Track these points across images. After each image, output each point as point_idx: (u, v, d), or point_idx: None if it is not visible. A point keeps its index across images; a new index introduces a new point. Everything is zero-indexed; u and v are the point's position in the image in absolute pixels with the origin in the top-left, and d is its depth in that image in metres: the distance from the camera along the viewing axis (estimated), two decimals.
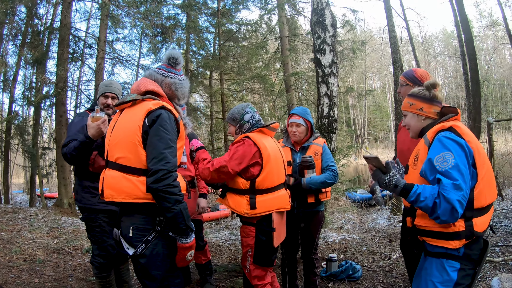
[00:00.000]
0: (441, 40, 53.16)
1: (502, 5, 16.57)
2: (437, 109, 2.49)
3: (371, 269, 5.29)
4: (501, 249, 5.37)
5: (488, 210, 2.32)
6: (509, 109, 38.02)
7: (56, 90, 11.29)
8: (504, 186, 10.79)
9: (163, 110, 2.39)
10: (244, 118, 3.28)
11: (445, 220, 2.13)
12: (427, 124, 2.51)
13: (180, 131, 2.51)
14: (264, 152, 3.07)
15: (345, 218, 9.55)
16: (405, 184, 2.29)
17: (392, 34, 14.83)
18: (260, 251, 3.13)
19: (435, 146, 2.25)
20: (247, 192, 3.10)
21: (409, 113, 2.59)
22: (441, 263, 2.30)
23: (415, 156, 2.43)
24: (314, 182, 3.81)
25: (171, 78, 2.65)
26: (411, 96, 2.58)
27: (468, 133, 2.29)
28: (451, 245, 2.22)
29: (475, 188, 2.21)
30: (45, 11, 13.82)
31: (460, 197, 2.07)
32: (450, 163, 2.13)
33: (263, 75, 12.82)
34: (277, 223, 3.17)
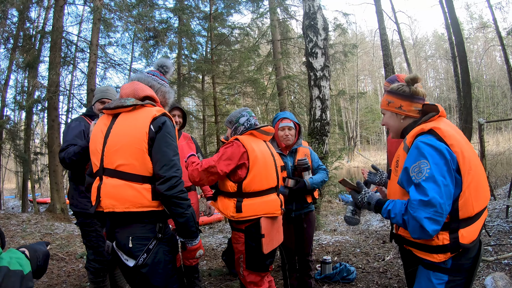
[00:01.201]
0: (432, 43, 53.54)
1: (492, 7, 16.72)
2: (419, 107, 2.27)
3: (365, 270, 5.31)
4: (494, 248, 5.42)
5: (477, 219, 2.09)
6: (500, 110, 38.40)
7: (48, 95, 11.25)
8: (496, 186, 10.90)
9: (166, 117, 2.39)
10: (239, 121, 3.29)
11: (417, 237, 2.00)
12: (408, 124, 2.31)
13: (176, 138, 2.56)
14: (251, 154, 3.06)
15: (338, 220, 9.59)
16: (377, 201, 2.24)
17: (384, 37, 14.97)
18: (251, 257, 3.11)
19: (412, 153, 2.05)
20: (234, 195, 3.09)
21: (387, 112, 2.38)
22: (428, 274, 2.14)
23: (396, 162, 2.26)
24: (316, 182, 3.93)
25: (165, 87, 2.70)
26: (389, 93, 2.36)
27: (451, 135, 2.05)
28: (435, 258, 2.05)
29: (460, 197, 1.99)
30: (37, 14, 13.78)
31: (431, 213, 1.89)
32: (424, 174, 1.94)
33: (255, 78, 12.84)
34: (267, 229, 3.13)
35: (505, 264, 4.79)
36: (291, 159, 4.03)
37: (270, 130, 3.34)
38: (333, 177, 8.19)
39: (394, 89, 2.33)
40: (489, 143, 13.11)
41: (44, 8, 13.36)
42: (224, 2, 13.24)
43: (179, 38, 12.58)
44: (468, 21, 45.33)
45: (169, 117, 2.43)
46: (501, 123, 34.36)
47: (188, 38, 12.52)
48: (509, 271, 4.57)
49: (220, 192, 3.25)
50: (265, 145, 3.35)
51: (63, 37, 12.13)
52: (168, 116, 2.43)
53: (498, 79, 42.38)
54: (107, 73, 14.60)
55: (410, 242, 2.19)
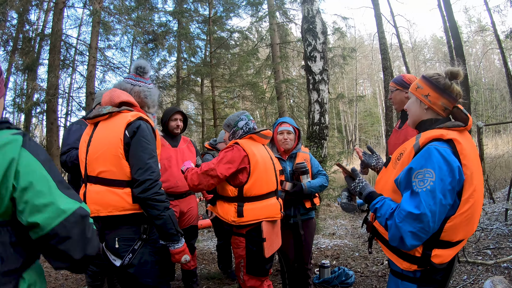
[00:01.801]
0: (431, 46, 53.55)
1: (491, 10, 16.74)
2: (447, 104, 2.07)
3: (364, 274, 5.30)
4: (493, 251, 5.44)
5: (456, 245, 1.97)
6: (498, 113, 38.40)
7: (47, 97, 11.21)
8: (495, 189, 10.91)
9: (141, 121, 2.46)
10: (238, 124, 3.28)
11: (395, 245, 1.92)
12: (428, 118, 2.12)
13: (157, 140, 2.59)
14: (252, 159, 3.05)
15: (337, 224, 9.58)
16: (368, 194, 2.12)
17: (382, 40, 15.00)
18: (252, 261, 3.11)
19: (422, 155, 1.87)
20: (235, 199, 3.08)
21: (413, 96, 2.18)
22: (397, 282, 2.08)
23: (399, 154, 2.11)
24: (314, 186, 3.90)
25: (140, 86, 2.71)
26: (423, 78, 2.15)
27: (469, 154, 1.89)
28: (402, 264, 1.98)
29: (450, 219, 1.87)
30: (37, 17, 13.78)
31: (416, 229, 1.78)
32: (426, 185, 1.79)
33: (254, 82, 12.84)
34: (268, 232, 3.14)
35: (504, 267, 4.79)
36: (290, 164, 4.02)
37: (269, 133, 3.34)
38: (332, 180, 8.19)
39: (429, 75, 2.14)
40: (488, 146, 13.12)
41: (43, 11, 13.33)
42: (223, 6, 13.23)
43: (178, 41, 12.58)
44: (466, 25, 45.42)
45: (146, 121, 2.50)
46: (500, 126, 34.33)
47: (187, 42, 12.51)
48: (508, 274, 4.58)
49: (219, 197, 3.23)
50: (264, 149, 3.35)
51: (63, 40, 12.11)
52: (145, 119, 2.50)
53: (497, 82, 42.40)
54: (106, 76, 14.62)
55: (382, 238, 2.13)
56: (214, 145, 5.28)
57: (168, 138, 4.50)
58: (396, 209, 1.90)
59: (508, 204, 7.23)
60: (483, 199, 8.33)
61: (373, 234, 2.24)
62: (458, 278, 4.69)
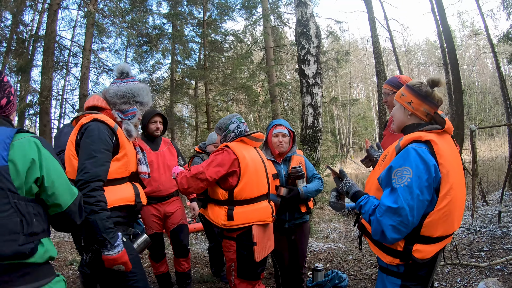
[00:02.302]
0: (424, 50, 53.84)
1: (484, 15, 16.84)
2: (429, 110, 2.24)
3: (357, 277, 5.30)
4: (487, 254, 5.46)
5: (437, 242, 2.09)
6: (491, 116, 38.62)
7: (40, 99, 11.16)
8: (488, 191, 10.96)
9: (93, 122, 2.50)
10: (229, 127, 3.28)
11: (377, 239, 2.08)
12: (411, 123, 2.30)
13: (119, 140, 2.58)
14: (242, 162, 3.05)
15: (330, 227, 9.58)
16: (354, 193, 2.30)
17: (376, 44, 15.08)
18: (243, 265, 3.10)
19: (401, 155, 2.06)
20: (225, 202, 3.07)
21: (397, 103, 2.36)
22: (382, 277, 2.22)
23: (384, 156, 2.27)
24: (310, 191, 3.88)
25: (111, 85, 2.77)
26: (406, 87, 2.32)
27: (445, 154, 2.05)
28: (385, 258, 2.12)
29: (428, 215, 2.01)
30: (31, 18, 13.70)
31: (396, 222, 1.93)
32: (404, 181, 1.95)
33: (248, 85, 12.84)
34: (259, 236, 3.13)
35: (498, 269, 4.82)
36: (285, 167, 3.97)
37: (260, 136, 3.33)
38: (325, 184, 8.19)
39: (412, 84, 2.31)
40: (481, 149, 13.17)
41: (37, 12, 13.26)
42: (217, 9, 13.26)
43: (172, 44, 12.57)
44: (460, 29, 45.82)
45: (101, 121, 2.52)
46: (493, 129, 34.59)
47: (181, 44, 12.51)
48: (502, 276, 4.60)
49: (210, 200, 3.22)
50: (255, 152, 3.34)
51: (56, 41, 12.07)
52: (100, 120, 2.52)
53: (490, 86, 42.71)
54: (100, 78, 14.50)
55: (369, 234, 2.25)
56: (203, 148, 5.27)
57: (148, 141, 4.48)
58: (377, 206, 2.06)
59: (501, 207, 7.27)
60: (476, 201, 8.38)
61: (362, 231, 2.38)
62: (452, 280, 4.71)
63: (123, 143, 2.59)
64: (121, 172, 2.60)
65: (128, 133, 2.68)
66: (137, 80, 2.85)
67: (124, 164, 2.61)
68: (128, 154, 2.64)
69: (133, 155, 2.73)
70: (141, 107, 2.80)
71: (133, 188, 2.69)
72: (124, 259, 2.38)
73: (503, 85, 15.65)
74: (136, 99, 2.75)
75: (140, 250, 2.71)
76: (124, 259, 2.38)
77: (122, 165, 2.60)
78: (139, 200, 2.70)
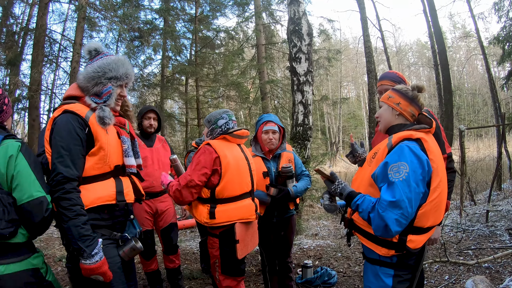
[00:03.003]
0: (415, 51, 54.19)
1: (475, 17, 17.00)
2: (414, 111, 2.41)
3: (346, 274, 5.33)
4: (474, 252, 5.52)
5: (427, 231, 2.25)
6: (480, 117, 39.05)
7: (30, 93, 11.02)
8: (476, 191, 11.08)
9: (62, 114, 2.25)
10: (217, 123, 3.23)
11: (379, 235, 2.15)
12: (398, 123, 2.43)
13: (92, 131, 2.29)
14: (224, 161, 3.02)
15: (320, 225, 9.59)
16: (349, 193, 2.35)
17: (367, 44, 15.14)
18: (227, 262, 3.10)
19: (395, 152, 2.16)
20: (208, 201, 3.07)
21: (385, 105, 2.49)
22: (375, 269, 2.30)
23: (373, 153, 2.37)
24: (300, 191, 3.88)
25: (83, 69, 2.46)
26: (393, 91, 2.48)
27: (434, 150, 2.22)
28: (380, 251, 2.21)
29: (421, 207, 2.14)
30: (21, 11, 13.58)
31: (398, 215, 2.03)
32: (402, 175, 2.05)
33: (239, 82, 12.81)
34: (241, 234, 3.12)
35: (485, 267, 4.88)
36: (275, 164, 3.95)
37: (244, 133, 3.28)
38: (315, 181, 8.20)
39: (399, 88, 2.47)
40: (470, 150, 13.29)
41: (28, 5, 13.13)
42: (210, 5, 13.20)
43: (163, 39, 12.51)
44: (451, 30, 46.21)
45: (72, 112, 2.26)
46: (482, 130, 34.93)
47: (172, 40, 12.44)
48: (490, 274, 4.66)
49: None
50: (238, 149, 3.31)
51: (47, 35, 11.93)
52: (70, 111, 2.26)
53: (479, 87, 43.11)
54: None
55: (360, 230, 2.35)
56: (200, 144, 5.26)
57: (143, 137, 4.47)
58: (376, 202, 2.14)
59: (489, 206, 7.35)
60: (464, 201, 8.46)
61: (351, 228, 2.46)
62: (440, 278, 4.74)
63: (97, 134, 2.29)
64: (100, 168, 2.32)
65: (101, 121, 2.31)
66: (110, 53, 2.51)
67: (101, 159, 2.31)
68: (105, 147, 2.33)
69: (114, 147, 2.40)
70: (117, 82, 2.44)
71: (115, 184, 2.38)
72: (102, 270, 2.16)
73: (492, 87, 15.82)
74: (108, 75, 2.39)
75: (127, 258, 2.42)
76: (102, 269, 2.16)
77: (99, 159, 2.30)
78: (122, 198, 2.39)
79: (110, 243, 2.35)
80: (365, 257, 2.41)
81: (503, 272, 4.69)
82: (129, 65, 2.53)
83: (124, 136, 2.50)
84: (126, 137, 2.51)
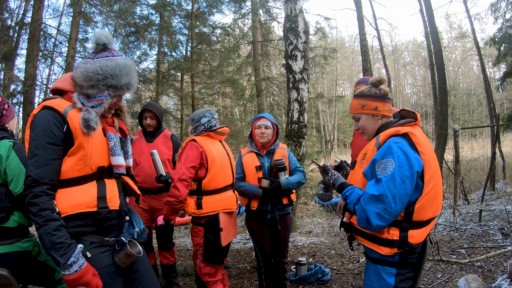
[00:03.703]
0: (411, 50, 54.32)
1: (472, 18, 17.03)
2: (390, 106, 2.36)
3: (340, 272, 5.34)
4: (467, 251, 5.56)
5: (427, 224, 2.22)
6: (475, 117, 39.21)
7: (24, 88, 10.95)
8: (469, 191, 11.15)
9: (41, 111, 1.99)
10: (200, 121, 3.50)
11: (362, 227, 2.17)
12: (382, 124, 2.36)
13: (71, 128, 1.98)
14: (209, 155, 3.30)
15: (314, 223, 9.62)
16: (340, 184, 2.38)
17: (364, 42, 15.13)
18: (209, 249, 3.33)
19: (383, 150, 2.14)
20: (195, 192, 3.34)
21: (363, 115, 2.39)
22: (377, 269, 2.27)
23: (363, 154, 2.33)
24: (292, 183, 3.92)
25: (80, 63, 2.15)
26: (361, 97, 2.38)
27: (423, 143, 2.17)
28: (382, 251, 2.17)
29: (418, 201, 2.11)
30: (17, 5, 13.48)
31: (380, 209, 2.02)
32: (387, 172, 2.04)
33: (234, 79, 12.77)
34: (225, 223, 3.39)
35: (478, 266, 4.91)
36: (268, 160, 4.02)
37: (225, 131, 3.62)
38: (309, 179, 8.22)
39: (365, 92, 2.37)
40: (464, 149, 13.35)
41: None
42: (206, 1, 13.13)
43: (159, 35, 12.45)
44: (447, 31, 46.30)
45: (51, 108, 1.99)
46: (476, 130, 35.03)
47: (168, 36, 12.39)
48: (482, 273, 4.68)
49: None
50: (220, 145, 3.60)
51: (42, 29, 11.86)
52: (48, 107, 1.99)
53: (475, 88, 43.29)
54: None
55: (360, 232, 2.32)
56: None
57: (145, 134, 4.57)
58: (361, 195, 2.16)
59: (482, 206, 7.38)
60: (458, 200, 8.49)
61: (351, 231, 2.43)
62: (433, 276, 4.77)
63: (76, 132, 1.99)
64: (80, 169, 2.02)
65: (85, 123, 2.00)
66: (118, 54, 2.18)
67: (81, 159, 2.02)
68: (86, 145, 2.03)
69: (98, 145, 2.09)
70: (116, 92, 2.13)
71: (97, 188, 2.06)
72: (85, 280, 1.87)
73: (487, 88, 15.88)
74: (107, 82, 2.08)
75: (123, 265, 2.13)
76: (84, 279, 1.87)
77: (78, 160, 2.01)
78: (104, 204, 2.06)
79: (103, 252, 2.08)
80: (367, 257, 2.40)
81: (495, 271, 4.72)
82: (135, 74, 2.22)
83: (111, 132, 2.18)
84: (113, 133, 2.19)
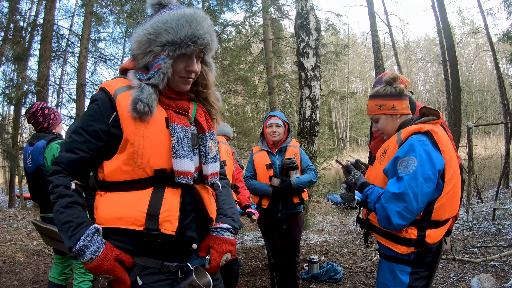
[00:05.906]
0: (423, 46, 53.86)
1: (484, 13, 16.82)
2: (407, 103, 2.33)
3: (352, 270, 5.33)
4: (480, 250, 5.49)
5: (444, 224, 2.19)
6: (489, 114, 38.73)
7: (37, 88, 11.07)
8: (483, 189, 11.01)
9: (97, 92, 1.59)
10: None
11: (383, 226, 2.14)
12: (402, 122, 2.33)
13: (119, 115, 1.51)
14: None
15: (326, 220, 9.60)
16: (361, 184, 2.34)
17: (375, 39, 15.02)
18: None
19: (405, 147, 2.09)
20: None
21: (382, 116, 2.36)
22: (391, 267, 2.25)
23: (383, 151, 2.31)
24: (302, 182, 3.90)
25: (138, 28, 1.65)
26: (377, 97, 2.37)
27: (445, 141, 2.15)
28: (399, 249, 2.14)
29: (437, 200, 2.08)
30: (28, 6, 13.58)
31: (401, 208, 1.99)
32: (409, 170, 2.00)
33: (246, 77, 12.80)
34: None
35: (491, 266, 4.85)
36: (280, 158, 4.02)
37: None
38: (321, 177, 8.19)
39: (381, 92, 2.36)
40: (477, 147, 13.22)
41: (35, 0, 13.17)
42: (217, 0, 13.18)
43: None
44: (460, 26, 45.80)
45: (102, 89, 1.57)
46: (490, 127, 34.63)
47: None
48: (495, 272, 4.63)
49: None
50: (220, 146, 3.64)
51: (54, 30, 11.96)
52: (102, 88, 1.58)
53: (488, 84, 42.76)
54: (98, 68, 14.38)
55: (377, 229, 2.29)
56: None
57: None
58: (382, 193, 2.12)
59: (496, 204, 7.30)
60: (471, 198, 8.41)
61: (368, 228, 2.41)
62: (446, 275, 4.73)
63: (123, 120, 1.51)
64: (130, 171, 1.52)
65: (133, 105, 1.48)
66: (180, 6, 1.67)
67: (131, 158, 1.51)
68: (136, 140, 1.50)
69: (155, 140, 1.54)
70: (178, 50, 1.54)
71: (149, 201, 1.50)
72: (105, 268, 1.44)
73: (501, 84, 15.67)
74: (161, 39, 1.53)
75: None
76: (104, 267, 1.44)
77: (127, 159, 1.51)
78: (154, 225, 1.48)
79: (160, 280, 1.56)
80: (381, 254, 2.37)
81: (508, 270, 4.67)
82: (203, 23, 1.63)
83: (176, 123, 1.58)
84: (180, 125, 1.59)
